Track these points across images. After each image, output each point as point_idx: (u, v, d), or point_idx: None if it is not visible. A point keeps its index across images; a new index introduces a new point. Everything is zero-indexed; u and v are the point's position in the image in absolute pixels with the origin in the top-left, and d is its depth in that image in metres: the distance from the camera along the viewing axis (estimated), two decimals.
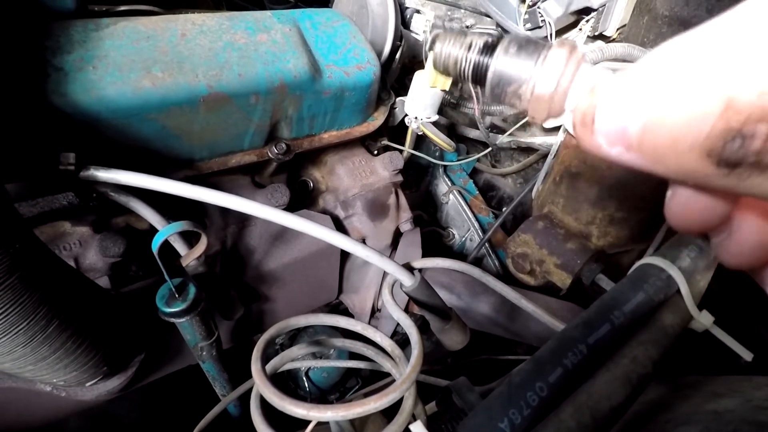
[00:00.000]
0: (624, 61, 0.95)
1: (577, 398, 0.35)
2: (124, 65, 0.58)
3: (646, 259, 0.46)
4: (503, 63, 0.23)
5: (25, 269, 0.40)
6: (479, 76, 0.25)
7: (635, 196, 0.75)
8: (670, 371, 0.51)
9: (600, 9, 0.99)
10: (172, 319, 0.55)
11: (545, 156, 1.02)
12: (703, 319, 0.43)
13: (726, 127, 0.16)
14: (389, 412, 0.42)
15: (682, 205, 0.21)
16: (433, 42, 0.27)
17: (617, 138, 0.18)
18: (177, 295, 0.54)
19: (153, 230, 0.54)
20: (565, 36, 1.04)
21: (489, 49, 0.24)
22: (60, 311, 0.44)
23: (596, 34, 1.03)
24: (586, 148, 0.20)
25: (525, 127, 1.14)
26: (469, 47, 0.25)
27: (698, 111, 0.16)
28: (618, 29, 1.03)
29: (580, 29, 1.03)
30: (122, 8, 0.69)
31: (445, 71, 0.27)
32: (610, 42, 1.03)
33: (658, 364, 0.39)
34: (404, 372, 0.40)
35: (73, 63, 0.55)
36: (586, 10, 1.00)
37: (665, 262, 0.44)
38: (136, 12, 0.70)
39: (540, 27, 0.99)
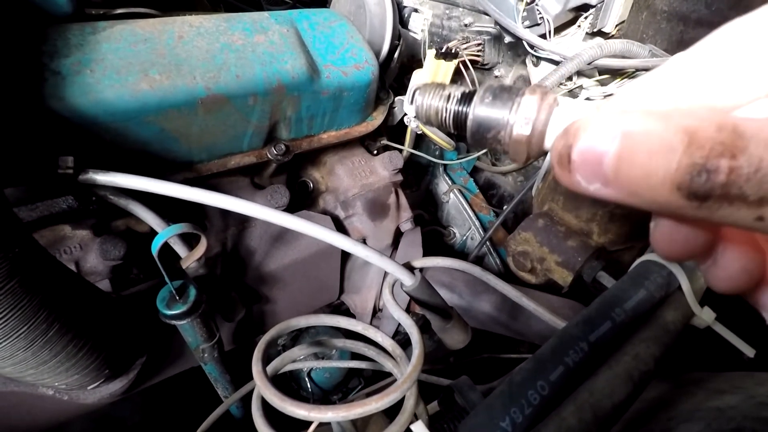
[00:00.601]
0: (623, 57, 0.95)
1: (578, 396, 0.35)
2: (122, 68, 0.58)
3: (647, 256, 0.45)
4: (480, 112, 0.24)
5: (25, 273, 0.40)
6: (460, 124, 0.26)
7: None
8: (672, 368, 0.50)
9: (598, 5, 0.99)
10: (173, 322, 0.55)
11: (545, 153, 1.02)
12: (705, 316, 0.43)
13: (690, 162, 0.16)
14: (391, 412, 0.42)
15: (666, 235, 0.22)
16: (414, 95, 0.28)
17: (594, 175, 0.19)
18: (178, 298, 0.54)
19: (153, 233, 0.54)
20: (564, 33, 1.04)
21: (466, 99, 0.26)
22: (60, 315, 0.44)
23: (595, 30, 1.03)
24: (566, 185, 0.21)
25: None
26: (448, 98, 0.27)
27: (665, 146, 0.17)
28: (617, 25, 1.03)
29: (579, 26, 1.03)
30: (119, 11, 0.69)
31: (428, 122, 0.28)
32: (608, 38, 1.03)
33: (659, 361, 0.39)
34: (405, 372, 0.40)
35: (70, 67, 0.55)
36: (585, 7, 0.99)
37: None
38: (133, 15, 0.69)
39: (538, 24, 0.99)
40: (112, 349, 0.55)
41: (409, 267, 0.51)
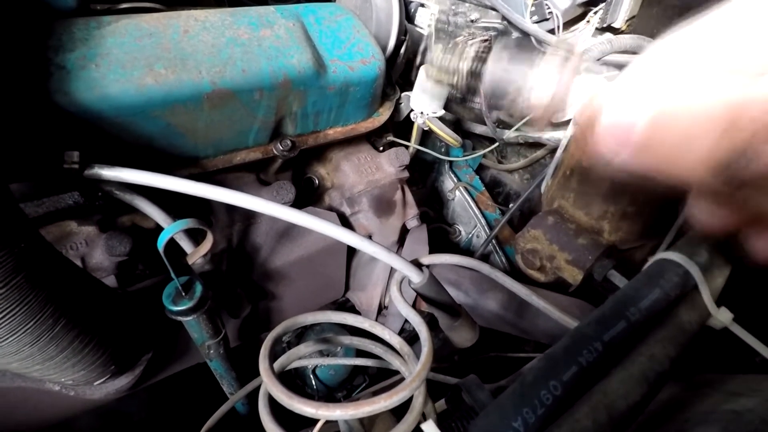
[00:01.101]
0: (634, 53, 0.93)
1: (592, 397, 0.34)
2: (127, 63, 0.57)
3: (662, 255, 0.44)
4: (496, 72, 0.23)
5: (31, 269, 0.39)
6: (473, 85, 0.24)
7: (648, 189, 0.74)
8: (686, 369, 0.49)
9: (608, 0, 0.97)
10: (179, 318, 0.55)
11: (553, 151, 1.01)
12: (722, 317, 0.42)
13: (730, 144, 0.14)
14: (398, 410, 0.41)
15: (706, 210, 0.20)
16: (425, 53, 0.27)
17: (620, 146, 0.17)
18: (184, 294, 0.54)
19: (159, 229, 0.54)
20: (573, 28, 1.02)
21: (482, 56, 0.24)
22: (66, 310, 0.44)
23: (605, 26, 1.01)
24: (590, 155, 0.19)
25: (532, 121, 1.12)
26: (462, 55, 0.25)
27: (704, 123, 0.15)
28: (627, 21, 1.01)
29: (588, 21, 1.01)
30: (124, 6, 0.68)
31: (440, 82, 0.26)
32: (619, 34, 1.01)
33: (675, 362, 0.38)
34: (414, 370, 0.40)
35: (75, 61, 0.55)
36: (594, 2, 0.98)
37: (682, 258, 0.43)
38: (138, 9, 0.69)
39: (547, 19, 0.97)
40: (118, 345, 0.55)
41: (417, 264, 0.51)
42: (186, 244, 0.60)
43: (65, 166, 0.49)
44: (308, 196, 0.86)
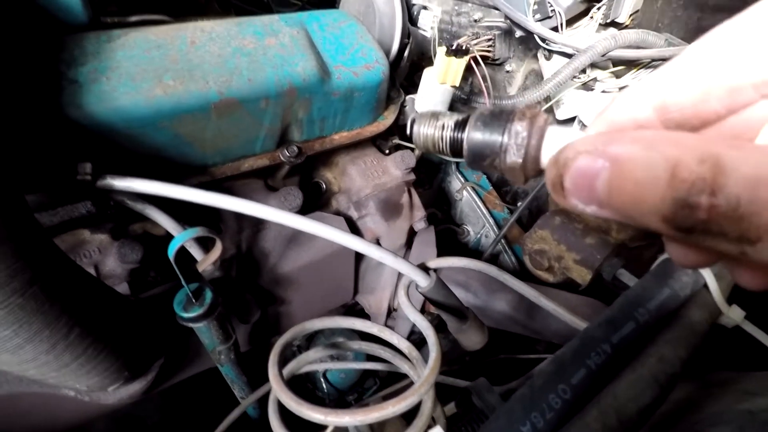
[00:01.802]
0: (638, 47, 0.92)
1: (601, 400, 0.34)
2: (137, 75, 0.58)
3: None
4: (473, 139, 0.25)
5: (47, 278, 0.40)
6: (456, 152, 0.27)
7: None
8: (698, 368, 0.49)
9: None
10: (190, 324, 0.55)
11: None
12: (734, 315, 0.42)
13: (673, 196, 0.16)
14: (408, 414, 0.41)
15: (676, 248, 0.22)
16: (412, 125, 0.29)
17: (588, 199, 0.19)
18: (194, 300, 0.55)
19: (170, 236, 0.54)
20: (577, 24, 1.01)
21: (460, 126, 0.27)
22: (81, 319, 0.45)
23: (608, 21, 1.00)
24: (565, 207, 0.21)
25: None
26: (443, 128, 0.28)
27: (650, 177, 0.17)
28: (631, 15, 1.00)
29: (592, 17, 1.01)
30: (134, 19, 0.69)
31: (427, 151, 0.29)
32: (622, 29, 1.00)
33: (686, 362, 0.37)
34: (422, 374, 0.40)
35: (87, 75, 0.56)
36: None
37: None
38: (148, 22, 0.70)
39: (550, 17, 0.97)
40: (131, 352, 0.56)
41: (423, 268, 0.51)
42: (196, 252, 0.61)
43: (78, 178, 0.50)
44: (315, 201, 0.86)
